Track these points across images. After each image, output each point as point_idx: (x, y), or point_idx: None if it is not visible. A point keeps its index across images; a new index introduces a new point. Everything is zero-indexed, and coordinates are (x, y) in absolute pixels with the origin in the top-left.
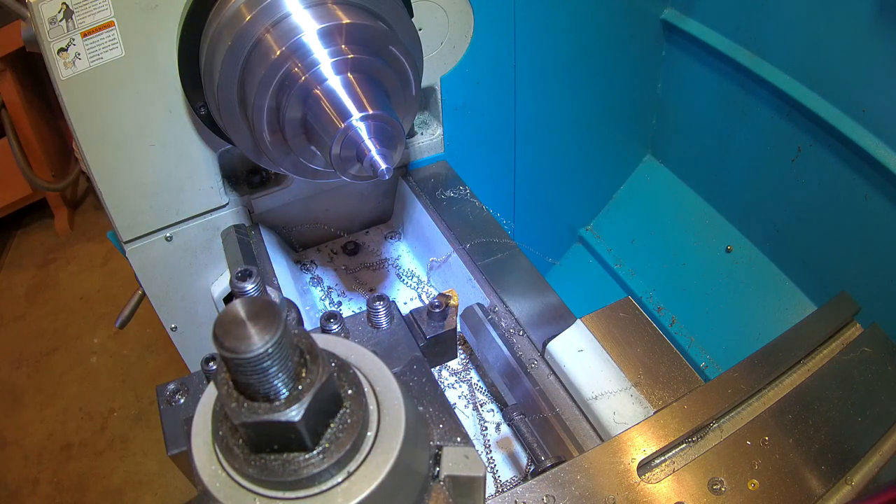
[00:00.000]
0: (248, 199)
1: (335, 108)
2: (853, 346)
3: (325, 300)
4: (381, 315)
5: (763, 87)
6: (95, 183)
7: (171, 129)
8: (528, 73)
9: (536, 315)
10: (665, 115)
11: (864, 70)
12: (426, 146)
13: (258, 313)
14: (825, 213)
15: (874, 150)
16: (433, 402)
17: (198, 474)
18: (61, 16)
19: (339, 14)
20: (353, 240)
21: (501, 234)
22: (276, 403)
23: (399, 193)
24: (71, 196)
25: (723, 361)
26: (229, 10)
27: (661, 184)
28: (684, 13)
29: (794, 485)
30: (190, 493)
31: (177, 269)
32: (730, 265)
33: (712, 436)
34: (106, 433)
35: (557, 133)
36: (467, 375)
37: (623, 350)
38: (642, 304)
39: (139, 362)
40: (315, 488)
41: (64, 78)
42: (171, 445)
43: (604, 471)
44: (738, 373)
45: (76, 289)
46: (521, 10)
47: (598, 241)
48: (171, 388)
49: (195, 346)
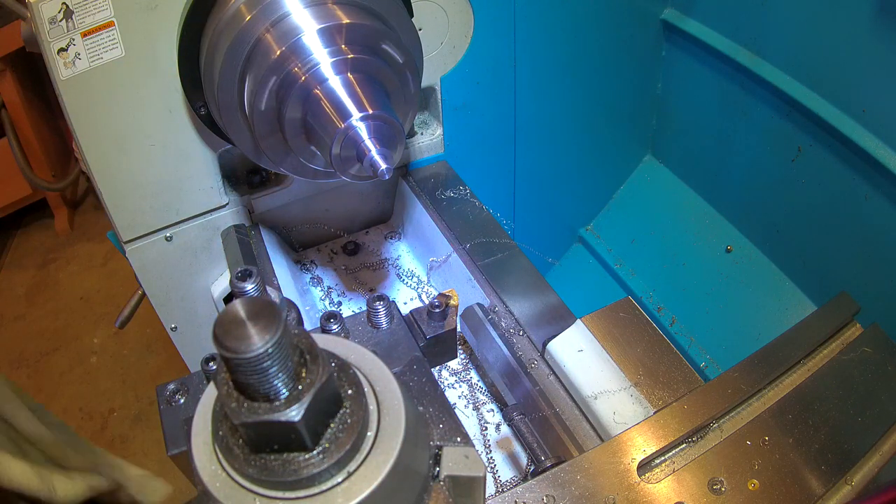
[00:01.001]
0: (248, 199)
1: (335, 108)
2: (853, 346)
3: (325, 300)
4: (381, 315)
5: (763, 87)
6: (95, 183)
7: (171, 129)
8: (528, 73)
9: (536, 315)
10: (665, 115)
11: (864, 70)
12: (426, 146)
13: (258, 313)
14: (825, 213)
15: (874, 150)
16: (433, 402)
17: (198, 474)
18: (61, 16)
19: (339, 14)
20: (353, 240)
21: (501, 234)
22: (276, 403)
23: (399, 193)
24: (71, 196)
25: (723, 361)
26: (229, 9)
27: (661, 184)
28: (684, 13)
29: (794, 485)
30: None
31: (177, 269)
32: (730, 265)
33: (712, 436)
34: (106, 433)
35: (557, 133)
36: (467, 375)
37: (623, 350)
38: (642, 304)
39: (139, 362)
40: (315, 488)
41: (64, 78)
42: (171, 445)
43: (604, 471)
44: (738, 373)
45: (76, 289)
46: (521, 10)
47: (598, 241)
48: (171, 388)
49: (195, 346)
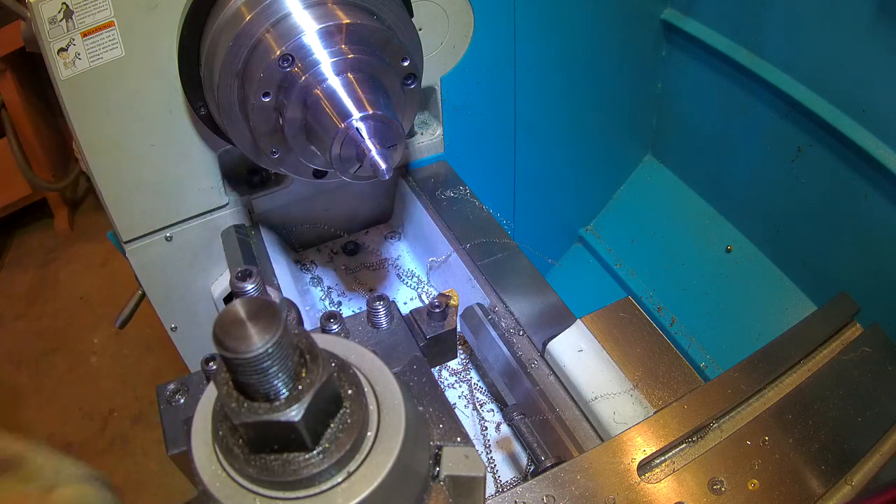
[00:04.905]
0: (248, 199)
1: (335, 108)
2: (853, 346)
3: (325, 300)
4: (381, 315)
5: (763, 87)
6: (95, 183)
7: (171, 129)
8: (528, 73)
9: (536, 315)
10: (665, 115)
11: (864, 70)
12: (426, 146)
13: (258, 313)
14: (825, 213)
15: (874, 150)
16: (433, 402)
17: (198, 474)
18: (61, 16)
19: (339, 14)
20: (353, 240)
21: (501, 234)
22: (276, 403)
23: (399, 193)
24: (71, 196)
25: (723, 361)
26: (229, 10)
27: (661, 184)
28: (684, 13)
29: (794, 485)
30: (190, 493)
31: (177, 269)
32: (730, 265)
33: (712, 436)
34: (106, 433)
35: (557, 133)
36: (467, 375)
37: (623, 350)
38: (642, 304)
39: (139, 362)
40: (315, 488)
41: (64, 78)
42: (171, 445)
43: (604, 471)
44: (738, 373)
45: (76, 289)
46: (521, 10)
47: (598, 241)
48: (171, 388)
49: (195, 346)
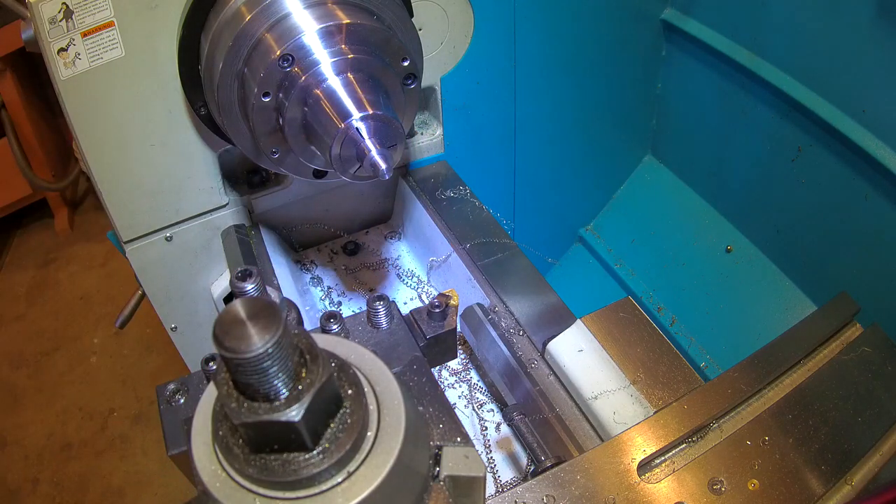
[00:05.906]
0: (248, 199)
1: (335, 108)
2: (853, 346)
3: (325, 300)
4: (381, 315)
5: (763, 87)
6: (95, 183)
7: (171, 129)
8: (528, 73)
9: (536, 315)
10: (665, 115)
11: (864, 70)
12: (426, 146)
13: (258, 313)
14: (825, 213)
15: (874, 150)
16: (433, 402)
17: (198, 474)
18: (61, 16)
19: (339, 14)
20: (353, 240)
21: (501, 234)
22: (276, 403)
23: (399, 193)
24: (71, 196)
25: (723, 361)
26: (229, 10)
27: (661, 184)
28: (684, 13)
29: (794, 485)
30: (190, 493)
31: (177, 269)
32: (730, 265)
33: (712, 436)
34: (106, 433)
35: (557, 133)
36: (467, 375)
37: (623, 350)
38: (642, 304)
39: (139, 362)
40: (315, 488)
41: (64, 78)
42: (171, 445)
43: (604, 471)
44: (738, 373)
45: (76, 289)
46: (521, 10)
47: (598, 241)
48: (171, 388)
49: (195, 346)
